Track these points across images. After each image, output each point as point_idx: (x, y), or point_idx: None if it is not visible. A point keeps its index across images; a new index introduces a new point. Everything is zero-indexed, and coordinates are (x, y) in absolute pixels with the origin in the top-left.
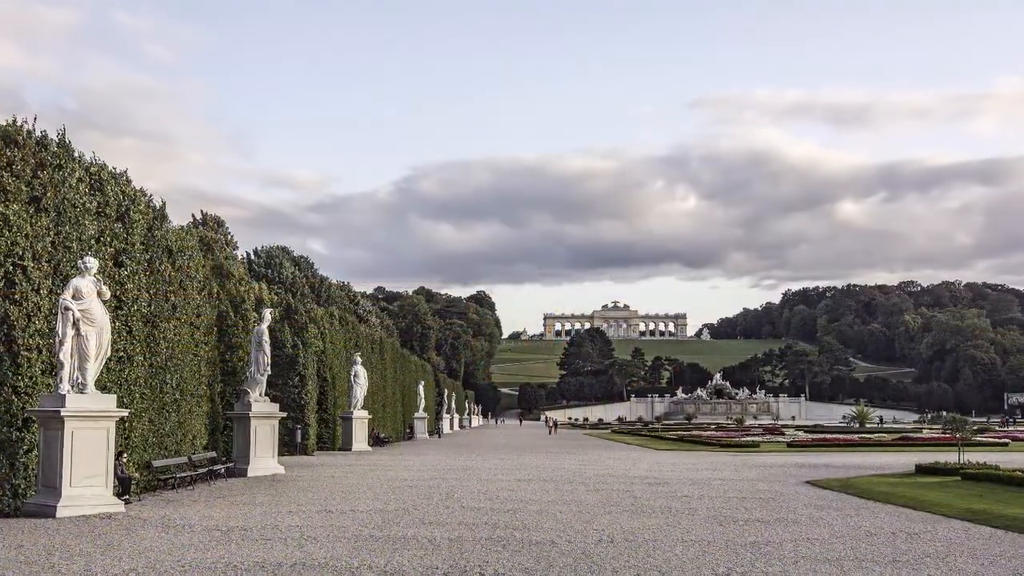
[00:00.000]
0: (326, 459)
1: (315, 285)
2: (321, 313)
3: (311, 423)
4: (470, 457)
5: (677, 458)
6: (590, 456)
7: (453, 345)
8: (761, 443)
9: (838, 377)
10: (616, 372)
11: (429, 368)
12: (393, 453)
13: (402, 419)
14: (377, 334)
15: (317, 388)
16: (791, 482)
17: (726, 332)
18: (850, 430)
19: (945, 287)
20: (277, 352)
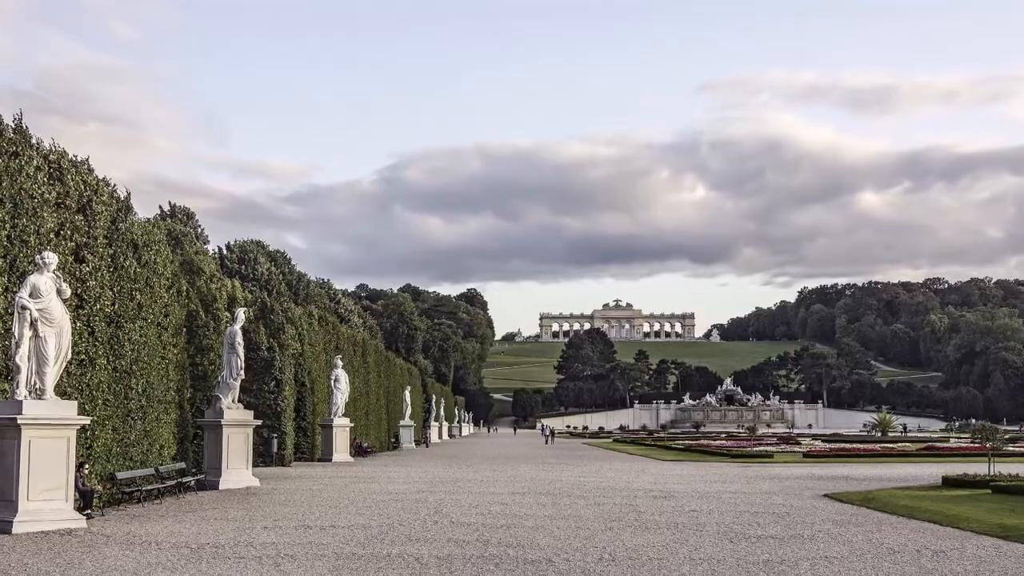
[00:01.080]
0: (304, 471)
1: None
2: (299, 313)
3: (288, 432)
4: (460, 468)
5: (684, 469)
6: (590, 467)
7: (442, 347)
8: (775, 453)
9: (858, 382)
10: (618, 376)
11: (416, 372)
12: (377, 464)
13: (387, 427)
14: (360, 335)
15: (295, 394)
16: (807, 495)
17: (737, 333)
18: (871, 439)
19: (974, 284)
20: (251, 355)
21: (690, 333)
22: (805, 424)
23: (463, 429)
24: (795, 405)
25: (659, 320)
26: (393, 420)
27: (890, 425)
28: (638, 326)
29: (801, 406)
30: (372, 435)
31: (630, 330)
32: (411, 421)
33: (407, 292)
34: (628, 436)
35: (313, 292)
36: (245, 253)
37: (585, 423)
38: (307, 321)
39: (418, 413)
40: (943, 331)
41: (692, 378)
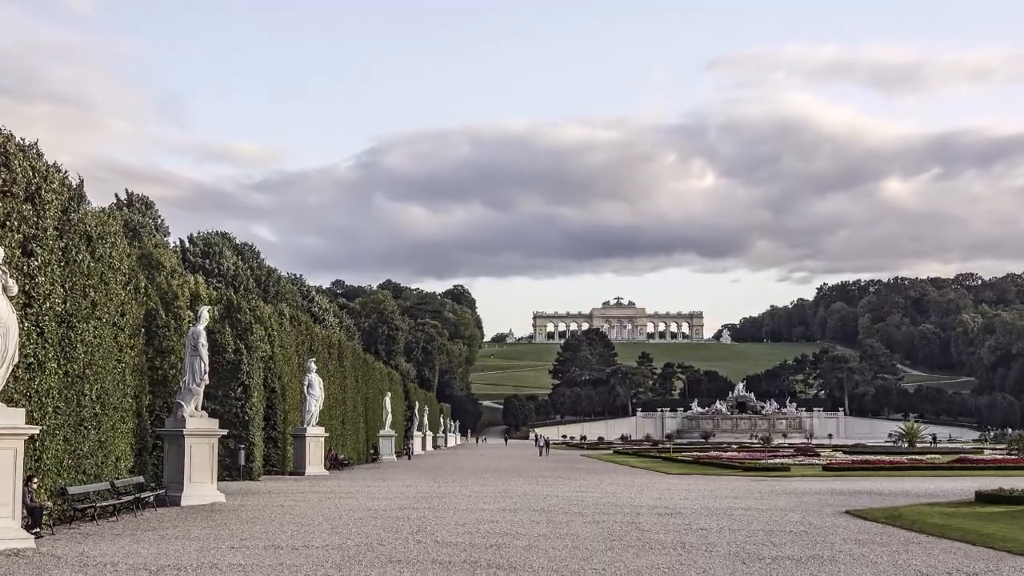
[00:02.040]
0: (275, 485)
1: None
2: (269, 311)
3: (257, 442)
4: (446, 482)
5: (692, 484)
6: (588, 481)
7: (426, 350)
8: (792, 466)
9: (883, 388)
10: (619, 382)
11: (397, 377)
12: (354, 478)
13: (365, 438)
14: (335, 336)
15: (264, 401)
16: (827, 512)
17: (750, 334)
18: (898, 450)
19: (1010, 280)
20: (216, 358)
21: (698, 334)
22: (825, 434)
23: (449, 439)
24: (814, 413)
25: (664, 320)
26: (372, 430)
27: (918, 435)
28: (641, 326)
29: (820, 414)
30: (349, 446)
31: (632, 331)
32: (392, 431)
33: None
34: (630, 447)
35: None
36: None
37: (583, 433)
38: (278, 321)
39: (399, 422)
40: (976, 332)
41: (700, 383)
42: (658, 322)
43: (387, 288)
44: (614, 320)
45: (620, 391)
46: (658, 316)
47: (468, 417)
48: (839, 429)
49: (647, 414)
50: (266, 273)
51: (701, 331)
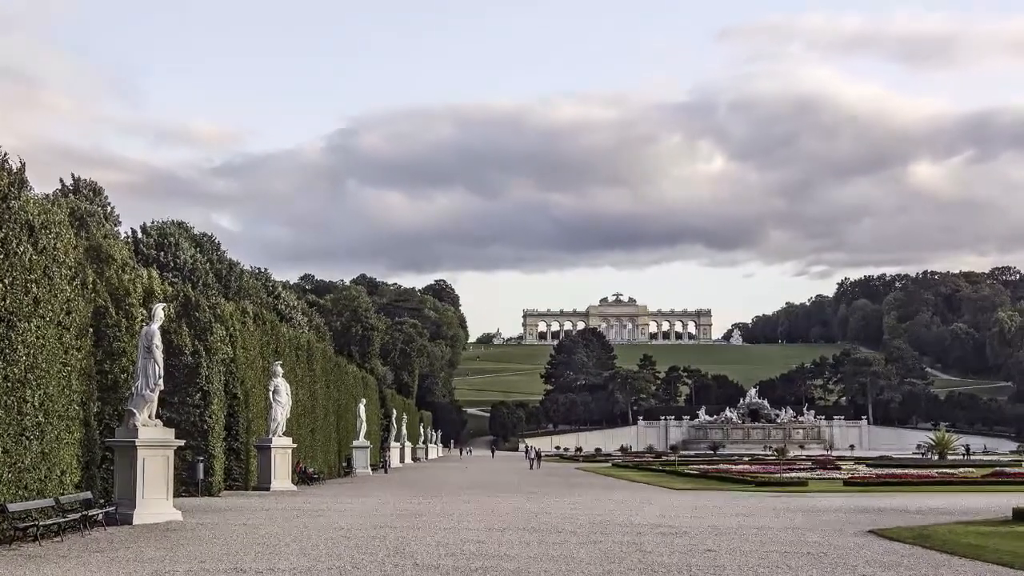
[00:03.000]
0: (237, 501)
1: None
2: (230, 309)
3: (217, 454)
4: (427, 499)
5: (699, 500)
6: (584, 497)
7: (404, 352)
8: (810, 480)
9: (911, 394)
10: (618, 387)
11: (373, 382)
12: (325, 493)
13: (337, 449)
14: (304, 337)
15: (225, 408)
16: (849, 532)
17: (763, 334)
18: (927, 463)
19: None
20: (172, 361)
21: (706, 334)
22: (846, 445)
23: (430, 451)
24: (834, 422)
25: (668, 318)
26: (345, 440)
27: (950, 446)
28: (643, 326)
29: (841, 423)
30: (319, 458)
31: (633, 330)
32: (367, 441)
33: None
34: (631, 460)
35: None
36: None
37: (578, 444)
38: (240, 320)
39: (375, 432)
40: (1014, 331)
41: (709, 389)
42: (662, 321)
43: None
44: (613, 319)
45: (619, 397)
46: (662, 314)
47: (451, 426)
48: (862, 439)
49: (649, 423)
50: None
51: (709, 331)
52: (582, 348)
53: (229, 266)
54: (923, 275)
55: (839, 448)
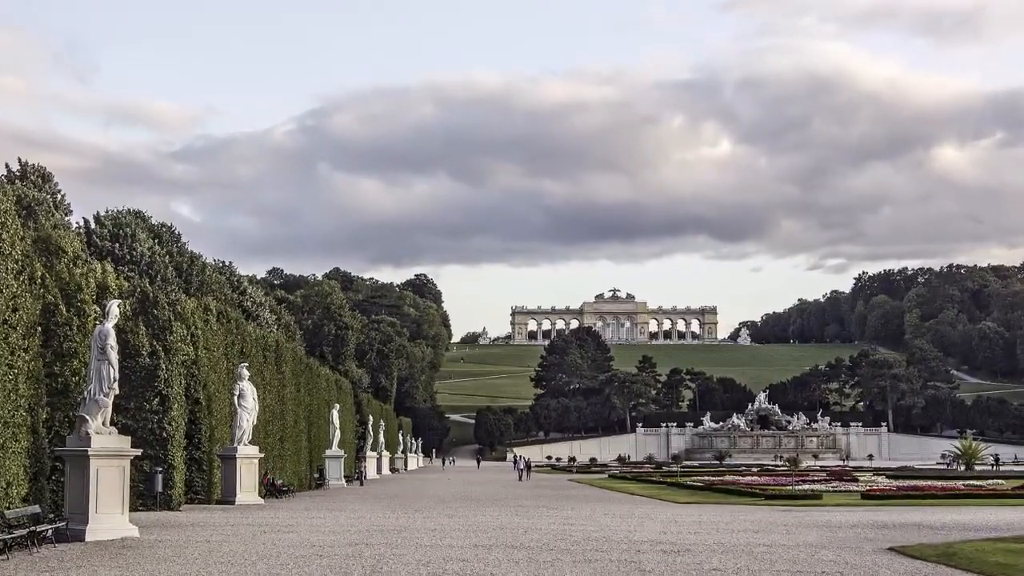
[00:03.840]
0: (199, 516)
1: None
2: (192, 306)
3: (177, 464)
4: (406, 513)
5: (703, 514)
6: (578, 512)
7: (381, 352)
8: (825, 493)
9: (935, 398)
10: (615, 391)
11: (347, 386)
12: (295, 507)
13: (308, 459)
14: (272, 337)
15: (186, 414)
16: (867, 549)
17: (774, 334)
18: (952, 474)
19: None
20: (128, 362)
21: (711, 334)
22: (864, 454)
23: (410, 461)
24: (851, 429)
25: (670, 316)
26: (317, 449)
27: (977, 455)
28: (642, 324)
29: (859, 430)
30: (288, 469)
31: (631, 330)
32: (340, 450)
33: (335, 279)
34: (629, 470)
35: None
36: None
37: (572, 453)
38: (202, 318)
39: (350, 440)
40: None
41: (714, 394)
42: (662, 319)
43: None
44: (609, 317)
45: (616, 403)
46: (663, 312)
47: (433, 434)
48: (881, 448)
49: (649, 430)
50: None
51: (714, 330)
52: (576, 349)
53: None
54: (948, 269)
55: (856, 458)
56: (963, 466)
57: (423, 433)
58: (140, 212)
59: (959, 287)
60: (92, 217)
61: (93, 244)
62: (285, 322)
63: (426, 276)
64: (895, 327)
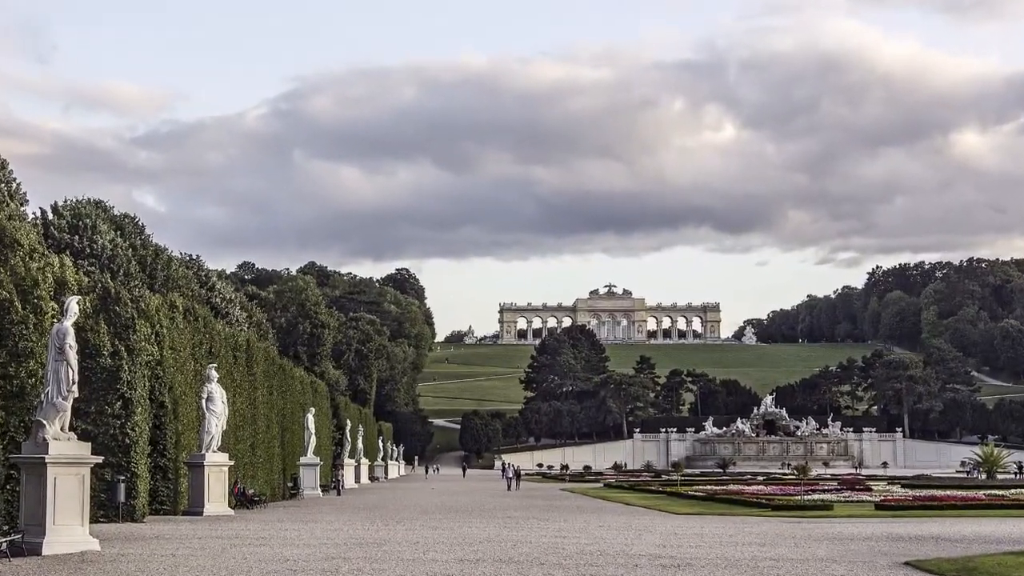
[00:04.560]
0: (164, 528)
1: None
2: (156, 303)
3: (141, 473)
4: (387, 526)
5: (706, 526)
6: (571, 524)
7: (360, 353)
8: (836, 503)
9: (954, 402)
10: (611, 394)
11: (323, 388)
12: (267, 519)
13: (281, 467)
14: (243, 335)
15: (150, 419)
16: (882, 564)
17: (781, 332)
18: (973, 483)
19: None
20: (89, 363)
21: (713, 332)
22: (878, 462)
23: (390, 469)
24: (864, 435)
25: (669, 314)
26: (290, 456)
27: (999, 463)
28: (640, 323)
29: (872, 436)
30: (261, 477)
31: (628, 328)
32: (316, 458)
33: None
34: (626, 479)
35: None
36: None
37: (564, 460)
38: (168, 315)
39: (326, 446)
40: None
41: (717, 397)
42: (662, 317)
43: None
44: (605, 315)
45: (612, 406)
46: (662, 309)
47: (415, 440)
48: (896, 456)
49: (647, 436)
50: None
51: (717, 329)
52: (569, 349)
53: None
54: (968, 263)
55: (870, 466)
56: (984, 474)
57: (405, 439)
58: (101, 202)
59: (980, 282)
60: (50, 207)
61: (51, 236)
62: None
63: (408, 271)
64: (911, 325)
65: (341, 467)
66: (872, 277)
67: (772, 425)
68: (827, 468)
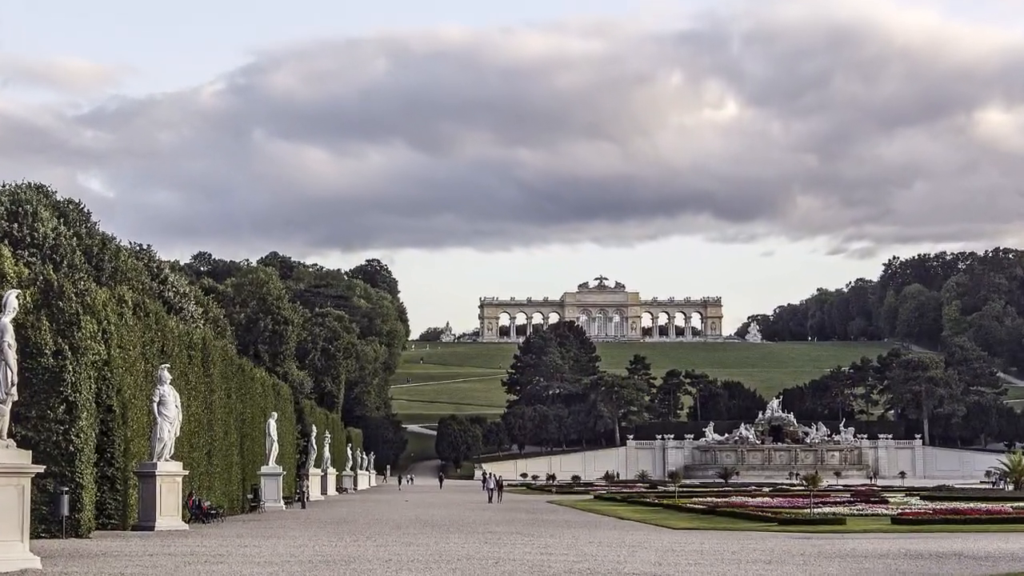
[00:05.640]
0: (112, 544)
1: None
2: (104, 298)
3: (86, 484)
4: (356, 541)
5: (706, 542)
6: (559, 539)
7: (327, 352)
8: (849, 517)
9: (978, 405)
10: (602, 397)
11: (287, 391)
12: (225, 534)
13: (241, 477)
14: (199, 333)
15: (97, 425)
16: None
17: (788, 329)
18: (998, 495)
19: None
20: (29, 363)
21: (715, 329)
22: (895, 471)
23: (360, 479)
24: (879, 442)
25: (666, 309)
26: (251, 466)
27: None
28: (634, 319)
29: (889, 443)
30: (218, 489)
31: (621, 324)
32: (279, 467)
33: (273, 265)
34: (619, 490)
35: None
36: (18, 204)
37: (551, 470)
38: (116, 311)
39: (290, 455)
40: None
41: (718, 400)
42: (658, 312)
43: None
44: (595, 310)
45: (604, 411)
46: (658, 304)
47: (387, 448)
48: (915, 465)
49: (642, 444)
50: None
51: (719, 325)
52: (556, 347)
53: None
54: (993, 253)
55: (886, 476)
56: (1011, 485)
57: (376, 447)
58: (43, 186)
59: (1007, 274)
60: None
61: None
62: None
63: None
64: (931, 322)
65: (306, 477)
66: (888, 269)
67: (779, 431)
68: (839, 478)
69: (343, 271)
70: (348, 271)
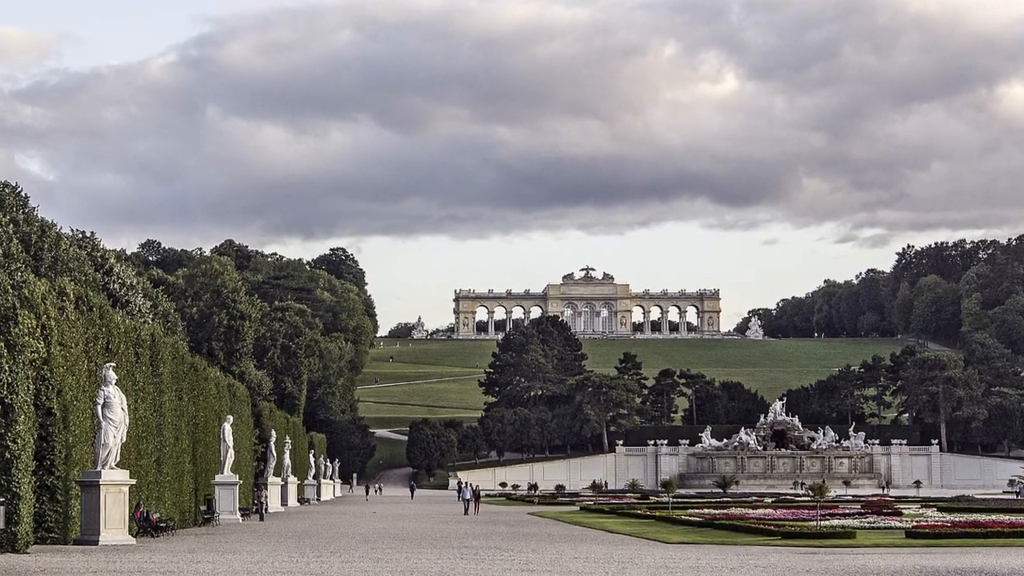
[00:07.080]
0: (52, 560)
1: (31, 238)
2: (43, 290)
3: (24, 494)
4: (319, 557)
5: (703, 558)
6: (541, 555)
7: (287, 349)
8: (859, 530)
9: (1001, 408)
10: (589, 399)
11: (243, 392)
12: (176, 549)
13: (193, 487)
14: (147, 329)
15: (35, 429)
16: None
17: (793, 325)
18: (1022, 506)
19: None
20: None
21: (712, 325)
22: (910, 480)
23: (323, 489)
24: (892, 448)
25: (659, 302)
26: (204, 474)
27: None
28: (623, 313)
29: (903, 450)
30: (168, 499)
31: (609, 319)
32: (235, 476)
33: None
34: (607, 501)
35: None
36: None
37: (532, 479)
38: (56, 304)
39: (247, 462)
40: None
41: (716, 402)
42: (649, 306)
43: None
44: (581, 303)
45: (591, 414)
46: (650, 297)
47: (354, 454)
48: (932, 473)
49: (632, 450)
50: (38, 230)
51: (716, 320)
52: (538, 344)
53: (40, 229)
54: (1018, 241)
55: (900, 485)
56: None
57: (341, 453)
58: None
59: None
60: None
61: None
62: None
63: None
64: (949, 316)
65: (265, 487)
66: (902, 259)
67: (782, 436)
68: (848, 488)
69: (305, 261)
70: (310, 261)
